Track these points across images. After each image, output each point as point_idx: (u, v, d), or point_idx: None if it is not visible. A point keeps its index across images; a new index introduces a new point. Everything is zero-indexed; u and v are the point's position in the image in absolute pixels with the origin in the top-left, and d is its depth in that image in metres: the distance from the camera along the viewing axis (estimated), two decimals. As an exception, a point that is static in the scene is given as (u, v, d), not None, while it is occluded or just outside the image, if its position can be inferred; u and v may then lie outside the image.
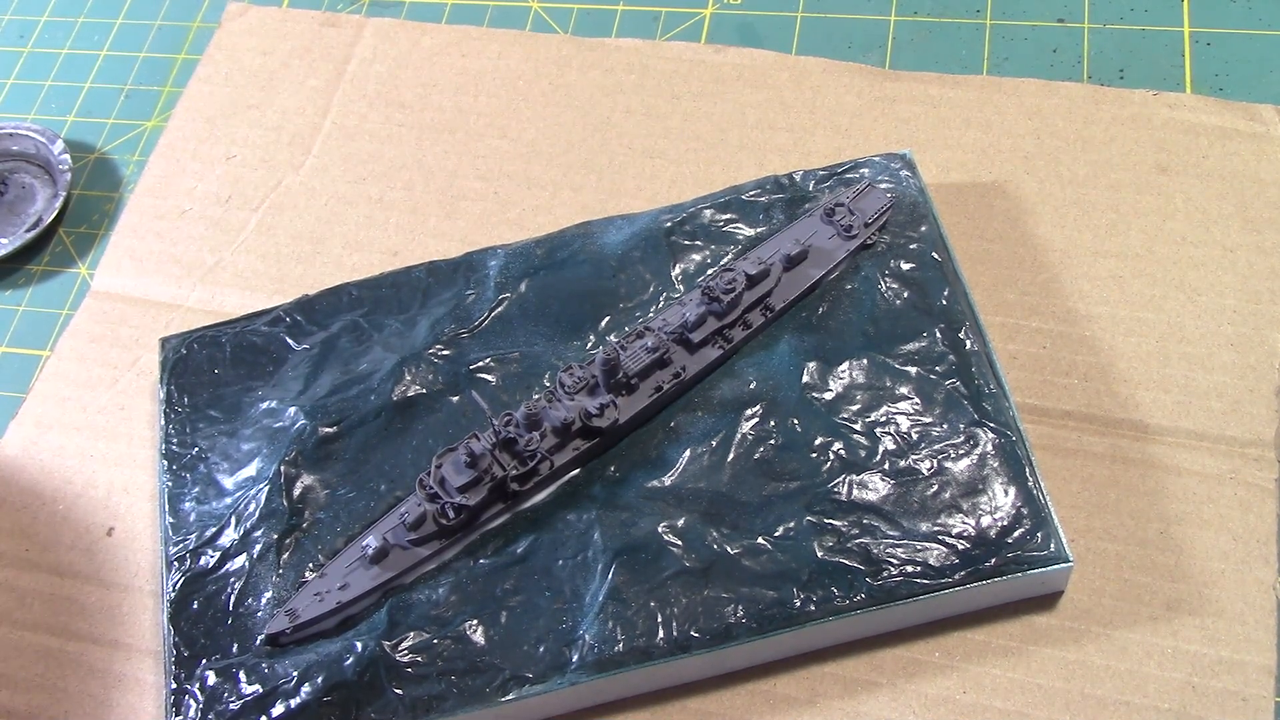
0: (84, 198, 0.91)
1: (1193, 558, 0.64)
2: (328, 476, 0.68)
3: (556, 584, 0.63)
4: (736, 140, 0.83)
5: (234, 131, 0.89)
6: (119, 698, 0.67)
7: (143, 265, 0.84)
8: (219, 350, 0.74)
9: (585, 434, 0.65)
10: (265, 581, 0.64)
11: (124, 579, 0.71)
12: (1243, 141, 0.77)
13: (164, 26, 1.00)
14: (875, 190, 0.73)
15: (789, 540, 0.63)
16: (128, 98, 0.96)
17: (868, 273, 0.71)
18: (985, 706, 0.61)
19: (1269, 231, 0.73)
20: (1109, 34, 0.84)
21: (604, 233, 0.75)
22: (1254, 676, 0.60)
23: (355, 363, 0.72)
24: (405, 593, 0.63)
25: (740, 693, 0.63)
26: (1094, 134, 0.79)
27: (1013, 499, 0.63)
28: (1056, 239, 0.75)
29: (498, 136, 0.86)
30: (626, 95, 0.86)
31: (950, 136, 0.80)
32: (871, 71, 0.84)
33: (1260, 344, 0.69)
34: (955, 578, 0.61)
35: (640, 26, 0.91)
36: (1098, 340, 0.71)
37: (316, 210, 0.84)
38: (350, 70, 0.91)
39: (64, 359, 0.80)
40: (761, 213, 0.74)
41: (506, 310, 0.73)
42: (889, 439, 0.65)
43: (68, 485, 0.75)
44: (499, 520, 0.65)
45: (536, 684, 0.60)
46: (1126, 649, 0.62)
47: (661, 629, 0.61)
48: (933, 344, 0.68)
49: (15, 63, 1.00)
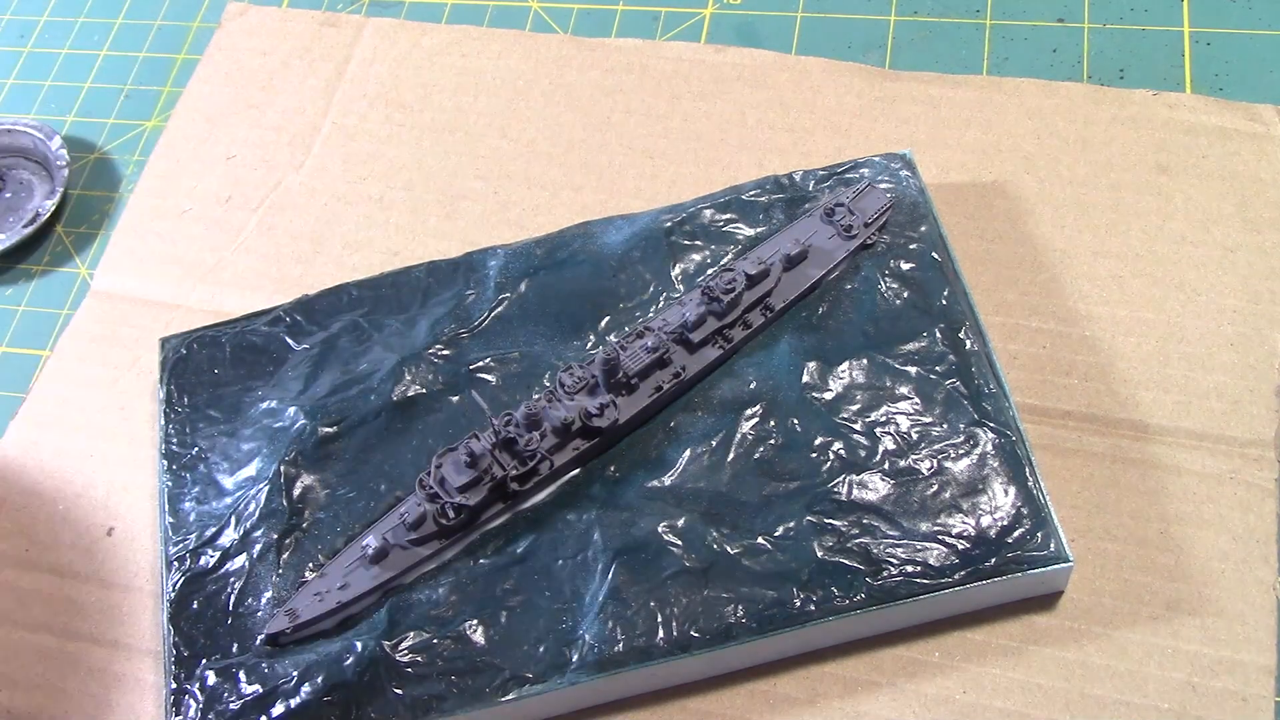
0: (84, 197, 0.91)
1: (1193, 558, 0.64)
2: (328, 476, 0.68)
3: (556, 584, 0.63)
4: (736, 140, 0.83)
5: (234, 131, 0.89)
6: (119, 698, 0.67)
7: (143, 265, 0.84)
8: (219, 350, 0.74)
9: (585, 434, 0.65)
10: (265, 581, 0.64)
11: (124, 579, 0.71)
12: (1243, 141, 0.77)
13: (164, 26, 1.00)
14: (875, 190, 0.73)
15: (789, 540, 0.63)
16: (128, 98, 0.96)
17: (868, 273, 0.71)
18: (985, 706, 0.61)
19: (1269, 231, 0.73)
20: (1109, 34, 0.84)
21: (604, 233, 0.75)
22: (1254, 676, 0.60)
23: (355, 363, 0.72)
24: (405, 593, 0.63)
25: (740, 693, 0.63)
26: (1094, 134, 0.79)
27: (1013, 499, 0.63)
28: (1056, 239, 0.75)
29: (498, 136, 0.86)
30: (626, 95, 0.86)
31: (950, 136, 0.80)
32: (871, 71, 0.84)
33: (1260, 344, 0.69)
34: (955, 578, 0.61)
35: (640, 26, 0.91)
36: (1098, 340, 0.71)
37: (316, 210, 0.84)
38: (350, 70, 0.91)
39: (64, 359, 0.80)
40: (761, 213, 0.74)
41: (506, 310, 0.73)
42: (889, 439, 0.65)
43: (68, 485, 0.75)
44: (499, 520, 0.65)
45: (536, 684, 0.60)
46: (1126, 649, 0.62)
47: (661, 629, 0.61)
48: (933, 344, 0.68)
49: (15, 62, 1.00)
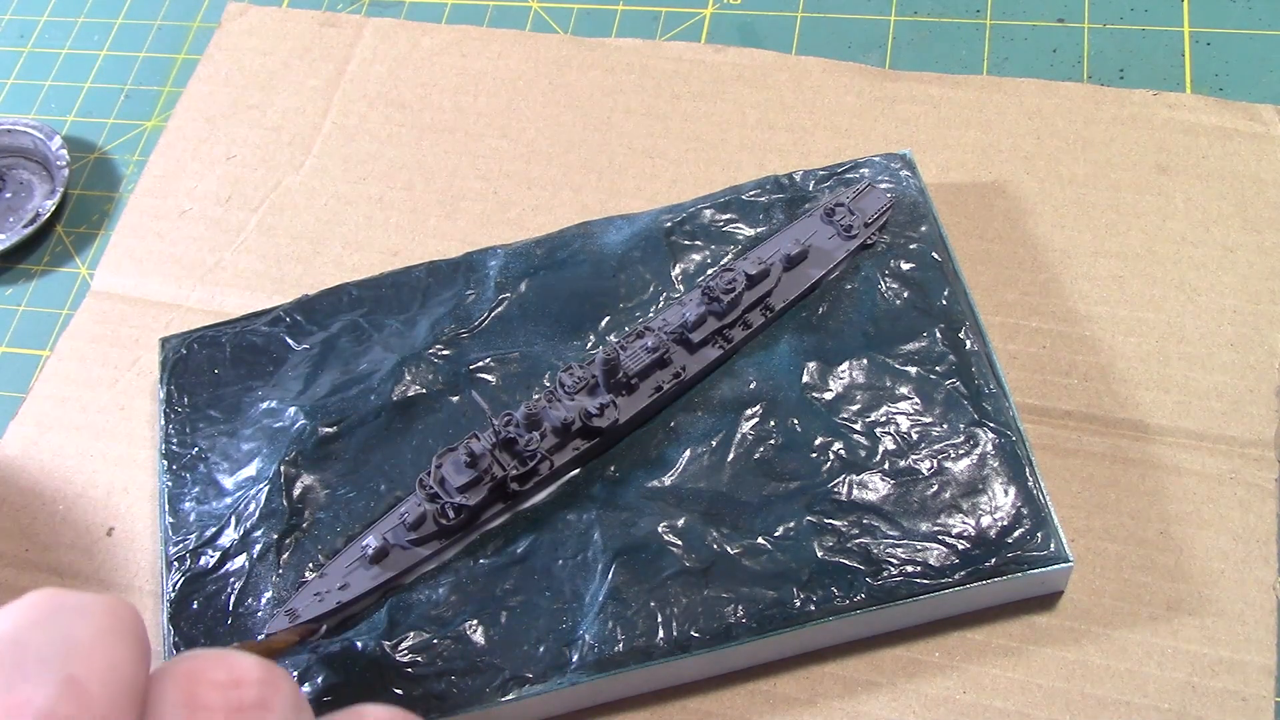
0: (84, 197, 0.91)
1: (1193, 558, 0.64)
2: (328, 476, 0.68)
3: (556, 584, 0.63)
4: (736, 140, 0.83)
5: (234, 131, 0.89)
6: (119, 698, 0.67)
7: (143, 265, 0.84)
8: (219, 350, 0.74)
9: (585, 434, 0.65)
10: (265, 581, 0.64)
11: (124, 579, 0.71)
12: (1243, 141, 0.77)
13: (164, 26, 1.00)
14: (875, 190, 0.73)
15: (789, 540, 0.63)
16: (128, 98, 0.96)
17: (868, 273, 0.71)
18: (985, 706, 0.61)
19: (1269, 231, 0.73)
20: (1109, 34, 0.84)
21: (604, 233, 0.75)
22: (1254, 676, 0.60)
23: (355, 363, 0.72)
24: (405, 593, 0.63)
25: (740, 693, 0.63)
26: (1094, 134, 0.79)
27: (1013, 499, 0.63)
28: (1056, 239, 0.75)
29: (498, 136, 0.86)
30: (626, 95, 0.86)
31: (950, 136, 0.80)
32: (871, 71, 0.84)
33: (1260, 344, 0.69)
34: (955, 578, 0.61)
35: (640, 26, 0.91)
36: (1098, 340, 0.71)
37: (316, 210, 0.84)
38: (350, 70, 0.91)
39: (64, 359, 0.80)
40: (761, 213, 0.74)
41: (506, 310, 0.73)
42: (889, 439, 0.65)
43: (68, 485, 0.75)
44: (499, 520, 0.65)
45: (536, 684, 0.60)
46: (1126, 649, 0.62)
47: (661, 629, 0.61)
48: (933, 344, 0.68)
49: (15, 62, 1.00)
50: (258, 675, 0.39)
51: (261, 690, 0.39)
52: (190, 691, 0.38)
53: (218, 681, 0.39)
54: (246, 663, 0.40)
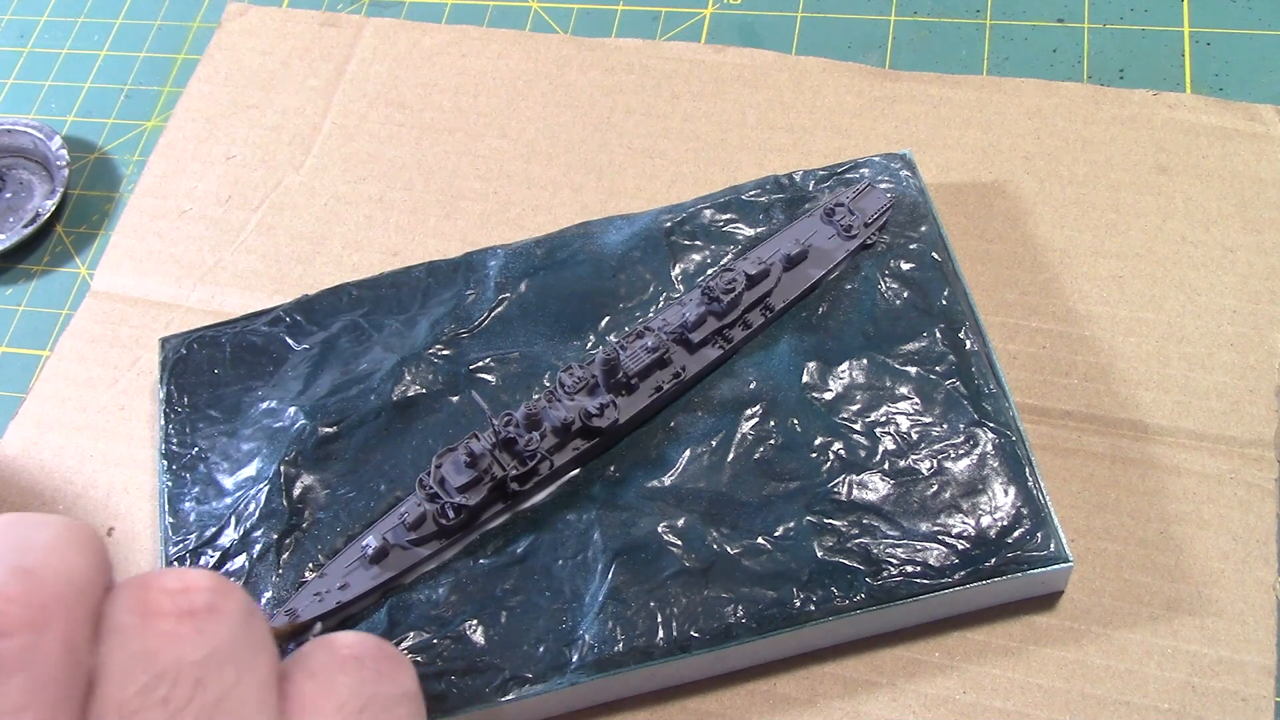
0: (84, 197, 0.91)
1: (1193, 558, 0.64)
2: (328, 476, 0.68)
3: (556, 584, 0.63)
4: (736, 140, 0.83)
5: (234, 131, 0.90)
6: (119, 698, 0.67)
7: (142, 265, 0.84)
8: (219, 350, 0.74)
9: (585, 434, 0.65)
10: (265, 581, 0.64)
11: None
12: (1243, 141, 0.77)
13: (164, 26, 1.00)
14: (875, 190, 0.73)
15: (789, 540, 0.63)
16: (128, 98, 0.96)
17: (868, 273, 0.71)
18: (985, 706, 0.61)
19: (1269, 231, 0.73)
20: (1109, 34, 0.84)
21: (604, 233, 0.75)
22: (1254, 676, 0.60)
23: (355, 363, 0.72)
24: (405, 593, 0.63)
25: (740, 693, 0.63)
26: (1094, 134, 0.79)
27: (1013, 499, 0.63)
28: (1056, 239, 0.75)
29: (498, 136, 0.86)
30: (626, 95, 0.86)
31: (950, 136, 0.80)
32: (871, 71, 0.84)
33: (1260, 344, 0.69)
34: (955, 578, 0.61)
35: (640, 26, 0.91)
36: (1098, 340, 0.71)
37: (316, 210, 0.84)
38: (350, 70, 0.91)
39: (64, 359, 0.80)
40: (761, 213, 0.74)
41: (506, 310, 0.73)
42: (889, 439, 0.65)
43: (68, 485, 0.75)
44: (499, 520, 0.65)
45: (536, 684, 0.60)
46: (1126, 649, 0.62)
47: (661, 629, 0.61)
48: (933, 344, 0.68)
49: (15, 62, 1.00)
50: (209, 583, 0.41)
51: (212, 596, 0.41)
52: (142, 598, 0.40)
53: (169, 589, 0.40)
54: (198, 573, 0.41)
